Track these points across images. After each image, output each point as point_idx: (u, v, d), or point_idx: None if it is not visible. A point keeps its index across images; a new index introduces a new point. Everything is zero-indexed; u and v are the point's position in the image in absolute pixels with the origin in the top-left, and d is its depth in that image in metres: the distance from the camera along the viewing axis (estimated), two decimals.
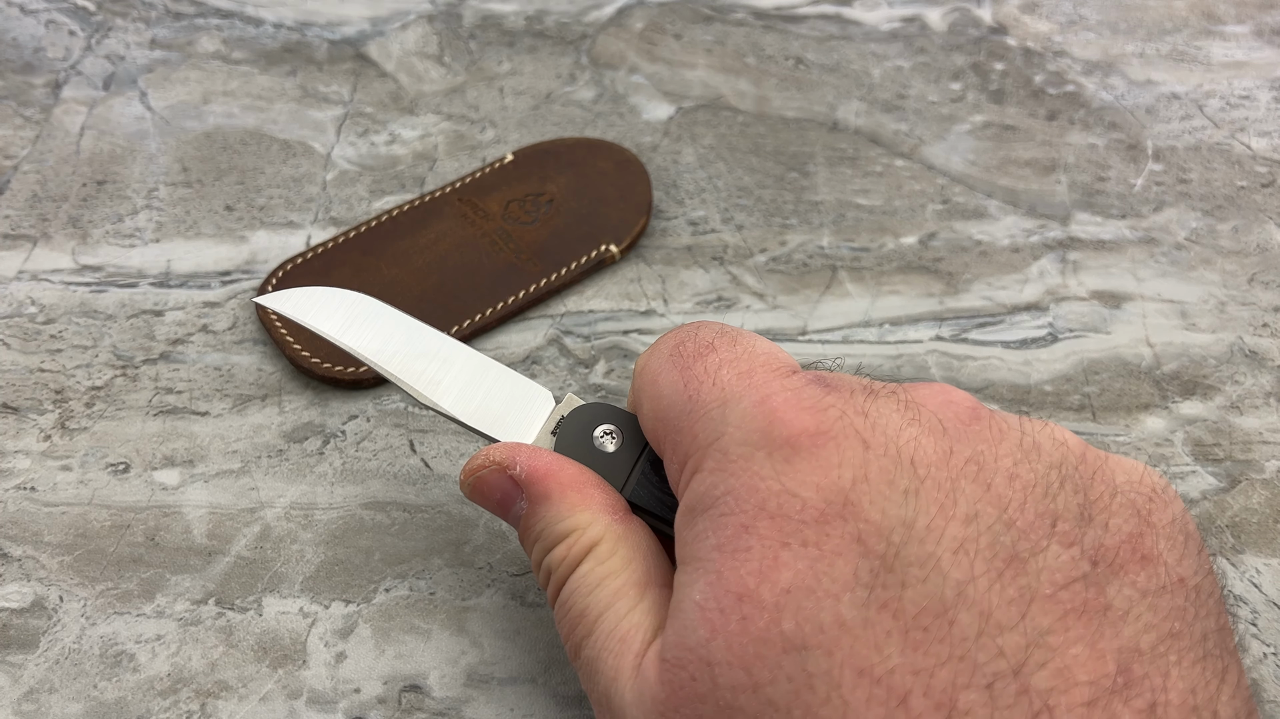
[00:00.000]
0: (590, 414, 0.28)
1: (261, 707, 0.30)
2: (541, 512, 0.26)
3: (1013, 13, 0.52)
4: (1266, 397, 0.38)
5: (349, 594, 0.33)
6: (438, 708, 0.30)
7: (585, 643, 0.25)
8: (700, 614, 0.21)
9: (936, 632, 0.19)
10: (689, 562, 0.22)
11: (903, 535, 0.20)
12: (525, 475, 0.27)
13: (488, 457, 0.27)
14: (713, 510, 0.22)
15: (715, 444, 0.23)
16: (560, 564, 0.26)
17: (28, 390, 0.37)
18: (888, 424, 0.22)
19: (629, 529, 0.26)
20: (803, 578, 0.20)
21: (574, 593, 0.25)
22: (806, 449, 0.21)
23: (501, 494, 0.27)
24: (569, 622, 0.25)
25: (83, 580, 0.33)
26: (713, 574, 0.21)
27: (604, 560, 0.25)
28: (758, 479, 0.22)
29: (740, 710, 0.20)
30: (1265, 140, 0.46)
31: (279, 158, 0.45)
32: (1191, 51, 0.50)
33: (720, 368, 0.24)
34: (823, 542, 0.20)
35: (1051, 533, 0.21)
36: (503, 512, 0.28)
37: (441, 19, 0.51)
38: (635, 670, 0.23)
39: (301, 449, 0.36)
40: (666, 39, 0.50)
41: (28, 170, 0.44)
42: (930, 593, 0.20)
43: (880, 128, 0.47)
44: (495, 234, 0.41)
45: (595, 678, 0.24)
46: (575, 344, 0.39)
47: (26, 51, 0.49)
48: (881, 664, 0.19)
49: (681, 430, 0.24)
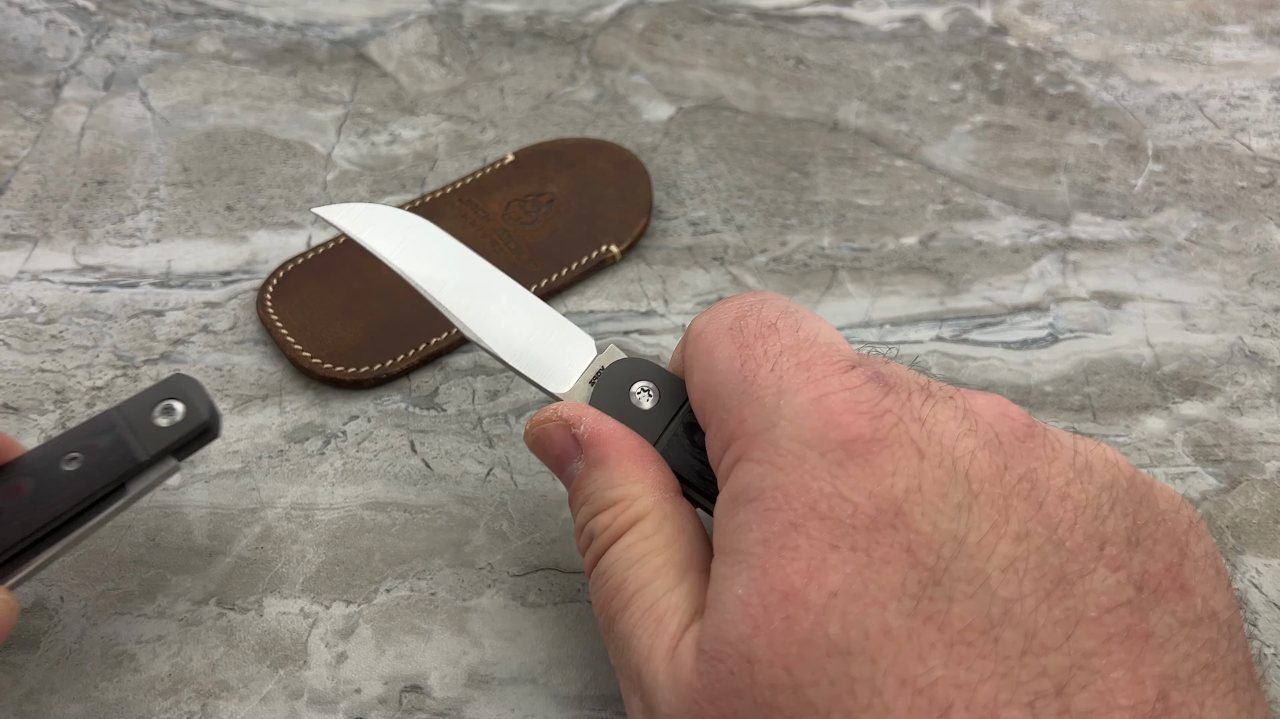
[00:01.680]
0: (630, 369, 0.28)
1: (262, 707, 0.30)
2: (595, 475, 0.26)
3: (1013, 13, 0.52)
4: (1267, 397, 0.38)
5: (350, 595, 0.33)
6: (438, 708, 0.30)
7: (620, 616, 0.24)
8: (742, 609, 0.21)
9: (981, 648, 0.19)
10: (730, 553, 0.22)
11: (953, 550, 0.20)
12: (588, 437, 0.26)
13: (556, 412, 0.27)
14: (758, 503, 0.22)
15: (766, 435, 0.22)
16: (603, 532, 0.25)
17: (28, 390, 0.37)
18: (944, 433, 0.22)
19: (677, 509, 0.26)
20: (851, 583, 0.20)
21: (614, 563, 0.25)
22: (861, 454, 0.21)
23: (561, 450, 0.27)
24: (605, 592, 0.25)
25: (83, 581, 0.33)
26: (757, 569, 0.21)
27: (648, 536, 0.25)
28: (809, 479, 0.21)
29: (778, 709, 0.20)
30: (1265, 141, 0.46)
31: (279, 158, 0.45)
32: (1192, 52, 0.50)
33: (781, 354, 0.24)
34: (872, 548, 0.20)
35: (1100, 555, 0.21)
36: (559, 468, 0.28)
37: (442, 19, 0.51)
38: (670, 653, 0.23)
39: (302, 449, 0.36)
40: (667, 39, 0.50)
41: (28, 170, 0.44)
42: (977, 609, 0.20)
43: (881, 128, 0.47)
44: (496, 234, 0.41)
45: (627, 653, 0.24)
46: None
47: (27, 51, 0.49)
48: (925, 676, 0.19)
49: (731, 411, 0.24)
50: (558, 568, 0.33)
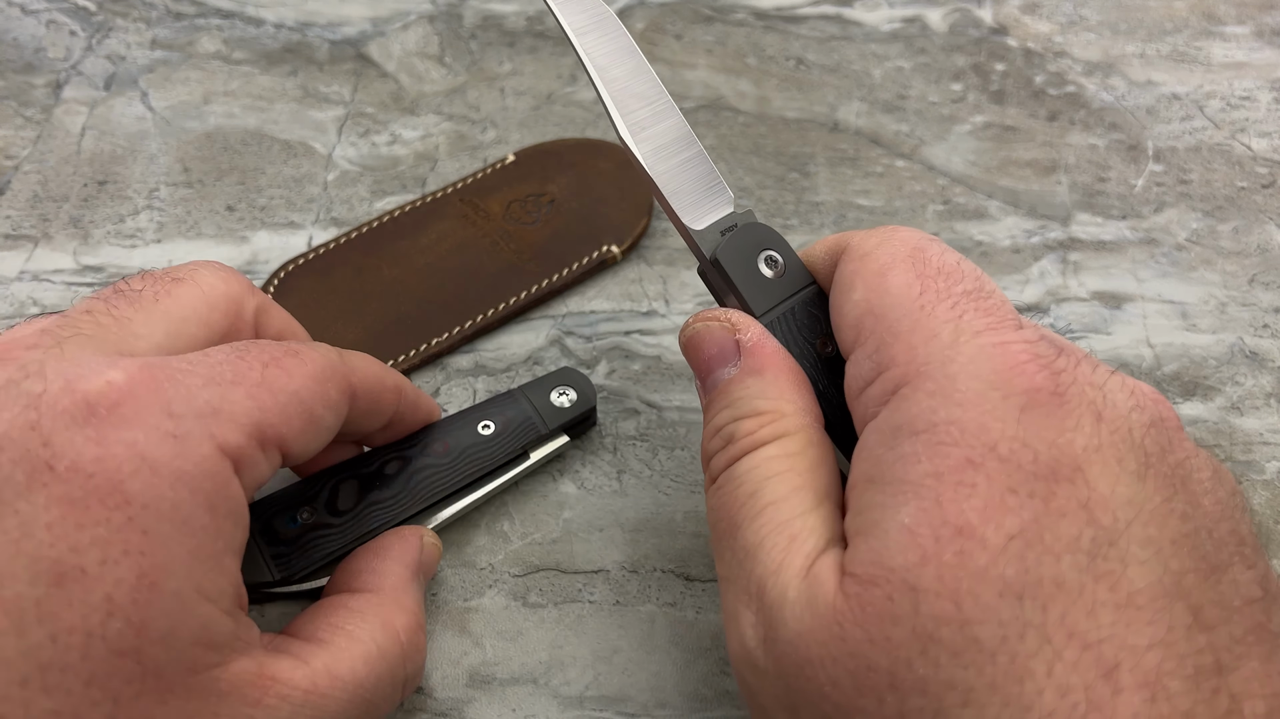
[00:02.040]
0: (763, 234, 0.29)
1: None
2: (750, 382, 0.26)
3: (1013, 13, 0.52)
4: (1267, 398, 0.38)
5: None
6: (439, 708, 0.30)
7: (749, 524, 0.24)
8: (910, 537, 0.21)
9: (1150, 614, 0.20)
10: (891, 482, 0.22)
11: (1129, 515, 0.20)
12: (751, 345, 0.26)
13: (724, 314, 0.27)
14: (928, 435, 0.22)
15: (942, 368, 0.22)
16: (746, 436, 0.25)
17: None
18: (1117, 402, 0.22)
19: (821, 439, 0.25)
20: (1027, 528, 0.20)
21: (752, 470, 0.24)
22: (1043, 405, 0.21)
23: (718, 350, 0.27)
24: (737, 496, 0.24)
25: None
26: (928, 501, 0.21)
27: (791, 453, 0.25)
28: (990, 419, 0.21)
29: (938, 642, 0.20)
30: (1265, 141, 0.47)
31: (280, 158, 0.45)
32: (1192, 52, 0.50)
33: (963, 296, 0.24)
34: (1050, 498, 0.20)
35: (1237, 552, 0.21)
36: (707, 369, 0.27)
37: (442, 19, 0.51)
38: (804, 572, 0.22)
39: None
40: (667, 39, 0.50)
41: (29, 170, 0.44)
42: (1150, 576, 0.20)
43: (881, 128, 0.47)
44: (496, 235, 0.41)
45: (750, 564, 0.23)
46: (577, 345, 0.39)
47: (27, 52, 0.49)
48: (1094, 632, 0.20)
49: (898, 336, 0.24)
50: (559, 568, 0.33)
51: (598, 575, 0.33)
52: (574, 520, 0.35)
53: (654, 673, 0.31)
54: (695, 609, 0.33)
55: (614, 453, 0.36)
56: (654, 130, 0.29)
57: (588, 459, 0.36)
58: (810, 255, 0.29)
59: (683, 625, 0.32)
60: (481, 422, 0.34)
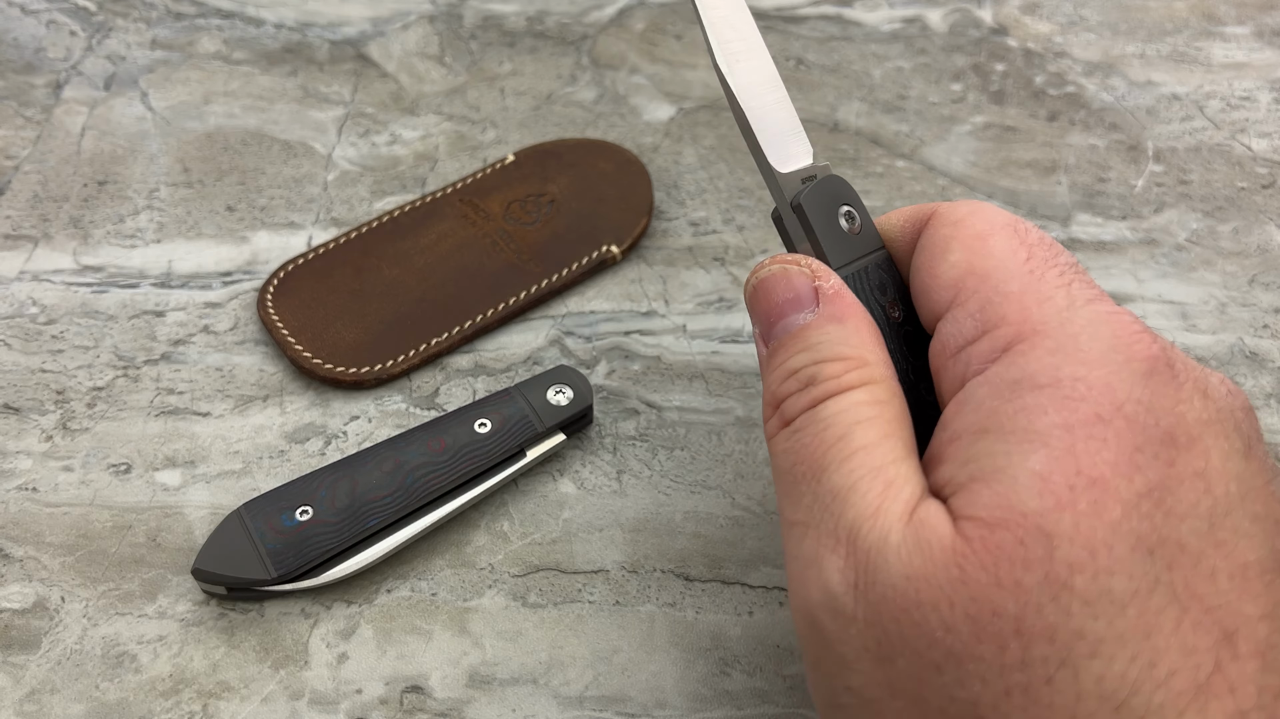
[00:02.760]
0: (843, 190, 0.28)
1: (263, 707, 0.30)
2: (831, 329, 0.25)
3: (1013, 14, 0.52)
4: (1267, 398, 0.38)
5: (350, 595, 0.33)
6: (439, 709, 0.30)
7: (839, 466, 0.23)
8: (1042, 484, 0.21)
9: (1257, 587, 0.20)
10: (1014, 432, 0.22)
11: (1241, 490, 0.21)
12: (832, 293, 0.26)
13: (805, 260, 0.27)
14: (1053, 390, 0.22)
15: (1061, 329, 0.23)
16: (831, 379, 0.24)
17: (29, 391, 0.37)
18: (1213, 385, 0.22)
19: (901, 393, 0.25)
20: (1155, 488, 0.20)
21: (840, 413, 0.24)
22: (1160, 374, 0.22)
23: (796, 294, 0.26)
24: (824, 439, 0.24)
25: (84, 581, 0.33)
26: (1059, 450, 0.21)
27: (880, 401, 0.24)
28: (1116, 379, 0.22)
29: (1071, 590, 0.20)
30: (1265, 141, 0.47)
31: (280, 158, 0.45)
32: (1192, 53, 0.50)
33: (1067, 267, 0.25)
34: (1171, 463, 0.21)
35: None
36: (780, 313, 0.26)
37: (442, 19, 0.51)
38: (907, 516, 0.22)
39: (303, 450, 0.36)
40: (667, 39, 0.50)
41: (29, 170, 0.44)
42: (1260, 549, 0.20)
43: (881, 128, 0.47)
44: (496, 235, 0.41)
45: (840, 507, 0.23)
46: (577, 345, 0.39)
47: (27, 52, 0.49)
48: (1213, 597, 0.20)
49: (1008, 296, 0.24)
50: (558, 568, 0.33)
51: (597, 575, 0.33)
52: (574, 520, 0.35)
53: (654, 673, 0.31)
54: (695, 609, 0.33)
55: (614, 453, 0.36)
56: (747, 66, 0.29)
57: (587, 459, 0.36)
58: (885, 222, 0.29)
59: (683, 625, 0.32)
60: (478, 420, 0.34)
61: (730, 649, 0.32)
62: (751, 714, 0.31)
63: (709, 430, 0.37)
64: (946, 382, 0.25)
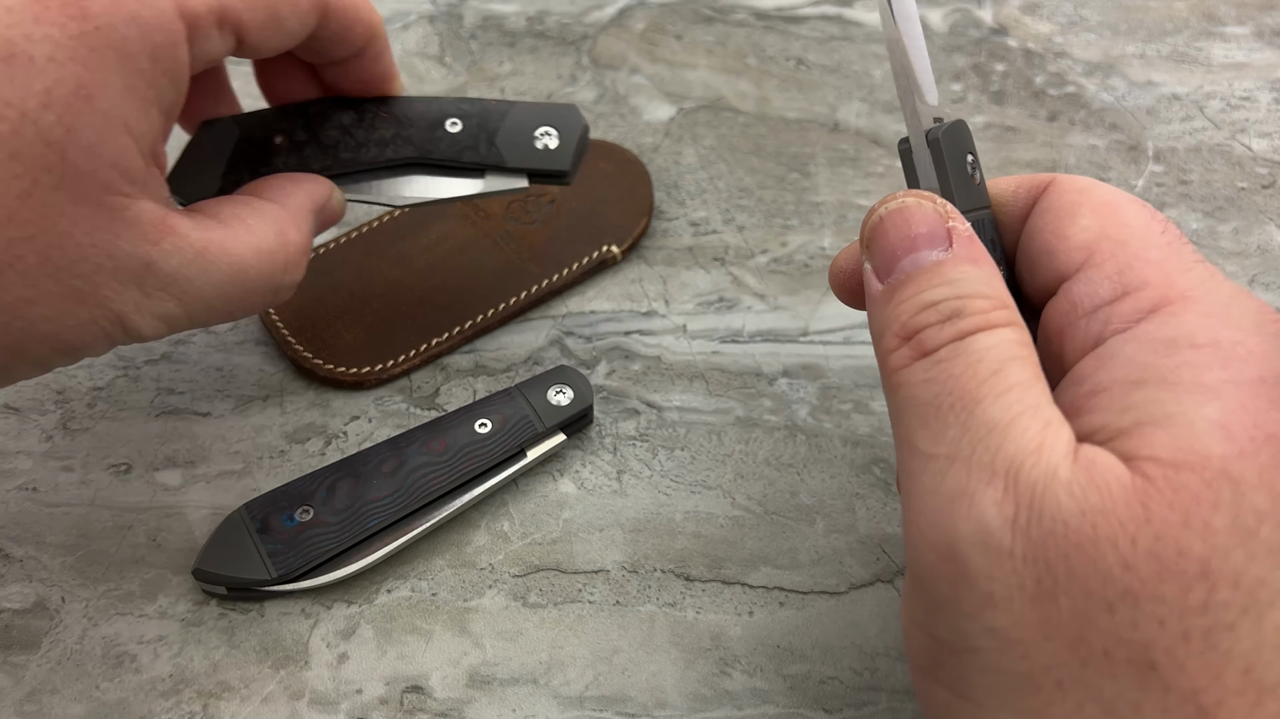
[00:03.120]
0: (969, 138, 0.28)
1: (264, 707, 0.30)
2: (968, 269, 0.25)
3: (1013, 14, 0.52)
4: None
5: (351, 595, 0.33)
6: (440, 709, 0.30)
7: (995, 399, 0.23)
8: (1223, 432, 0.21)
9: None
10: (1178, 384, 0.22)
11: None
12: (966, 235, 0.26)
13: (938, 199, 0.26)
14: (1212, 350, 0.22)
15: (1210, 296, 0.23)
16: (979, 314, 0.24)
17: (29, 390, 0.37)
18: None
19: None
20: None
21: (993, 347, 0.23)
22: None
23: (929, 230, 0.26)
24: (976, 371, 0.23)
25: (85, 581, 0.33)
26: (1233, 404, 0.21)
27: (1026, 343, 0.24)
28: (1270, 349, 0.22)
29: (1257, 537, 0.20)
30: (1266, 141, 0.46)
31: None
32: (1192, 53, 0.50)
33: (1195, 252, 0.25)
34: None
35: None
36: (912, 246, 0.26)
37: (443, 19, 0.51)
38: (1072, 453, 0.22)
39: (303, 450, 0.36)
40: (667, 40, 0.50)
41: None
42: None
43: (881, 128, 0.47)
44: (497, 235, 0.41)
45: (997, 439, 0.22)
46: (577, 345, 0.39)
47: None
48: None
49: (1149, 262, 0.24)
50: (559, 568, 0.33)
51: (598, 575, 0.33)
52: (574, 520, 0.35)
53: (654, 673, 0.31)
54: (695, 609, 0.33)
55: (614, 453, 0.36)
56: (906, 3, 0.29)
57: (588, 459, 0.36)
58: (994, 185, 0.29)
59: (683, 625, 0.32)
60: (478, 420, 0.34)
61: (730, 649, 0.32)
62: (751, 714, 0.31)
63: (709, 430, 0.37)
64: (1074, 339, 0.25)
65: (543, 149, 0.33)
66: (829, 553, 0.34)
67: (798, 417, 0.37)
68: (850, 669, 0.31)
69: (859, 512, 0.35)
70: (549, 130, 0.33)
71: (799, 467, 0.36)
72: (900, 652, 0.32)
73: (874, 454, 0.36)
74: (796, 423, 0.37)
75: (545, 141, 0.33)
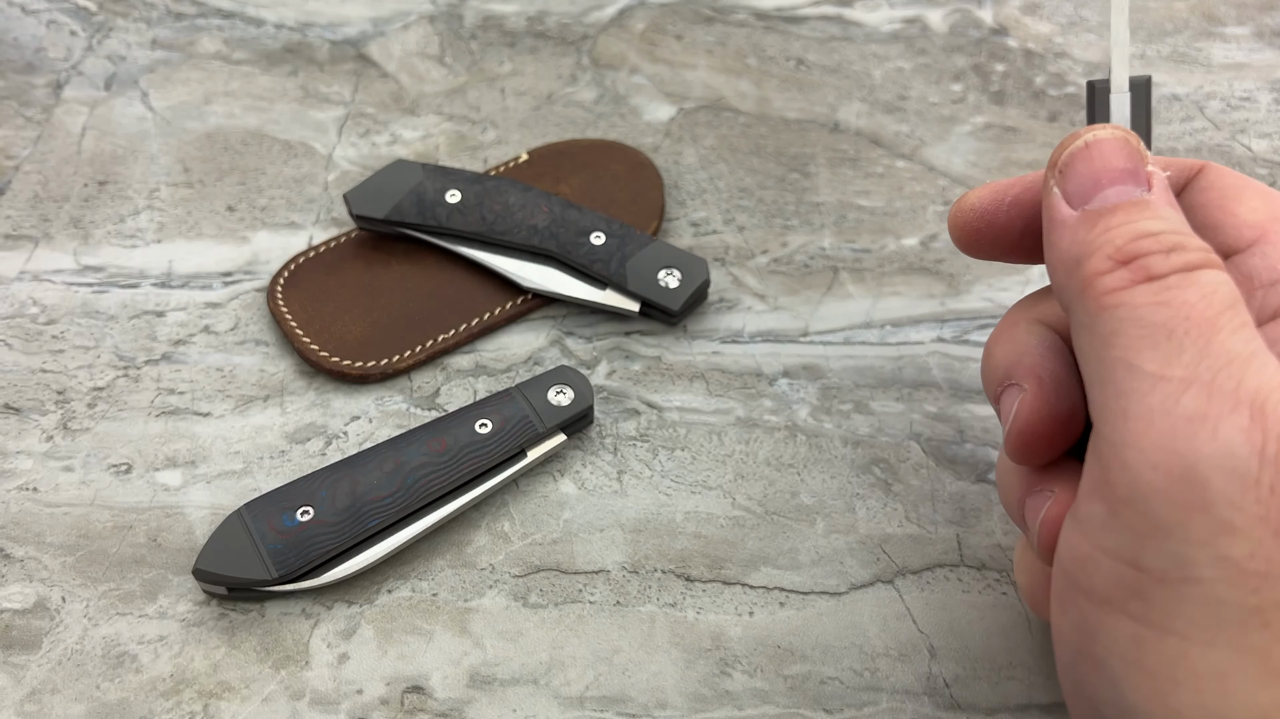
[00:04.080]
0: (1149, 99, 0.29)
1: (264, 708, 0.30)
2: (1171, 212, 0.25)
3: (1014, 14, 0.52)
4: None
5: (351, 595, 0.33)
6: (440, 709, 0.30)
7: (1234, 332, 0.22)
8: None
9: None
10: None
11: None
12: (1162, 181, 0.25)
13: (1139, 140, 0.26)
14: None
15: None
16: (1203, 251, 0.24)
17: (30, 391, 0.37)
18: None
19: None
20: None
21: (1224, 284, 0.23)
22: None
23: (1134, 167, 0.25)
24: (1212, 301, 0.23)
25: (85, 581, 0.33)
26: None
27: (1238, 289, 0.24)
28: None
29: None
30: (1266, 142, 0.47)
31: (280, 158, 0.45)
32: (1192, 53, 0.50)
33: None
34: None
35: None
36: (1115, 178, 0.25)
37: (443, 19, 0.51)
38: None
39: (304, 450, 0.36)
40: (667, 40, 0.50)
41: (29, 170, 0.44)
42: None
43: (881, 129, 0.47)
44: None
45: (1240, 370, 0.22)
46: (577, 345, 0.39)
47: (28, 52, 0.49)
48: None
49: None
50: (559, 569, 0.33)
51: (598, 576, 0.33)
52: (574, 521, 0.35)
53: (654, 673, 0.31)
54: (695, 609, 0.33)
55: (614, 453, 0.36)
56: None
57: (588, 459, 0.36)
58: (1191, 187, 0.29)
59: (683, 625, 0.32)
60: (478, 420, 0.34)
61: (730, 649, 0.32)
62: (751, 714, 0.31)
63: (709, 431, 0.37)
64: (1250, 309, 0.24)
65: (663, 286, 0.37)
66: (829, 553, 0.34)
67: (798, 417, 0.37)
68: (850, 669, 0.31)
69: (859, 512, 0.35)
70: (674, 271, 0.37)
71: (799, 467, 0.36)
72: (901, 651, 0.32)
73: (874, 454, 0.36)
74: (797, 423, 0.37)
75: (668, 280, 0.37)
